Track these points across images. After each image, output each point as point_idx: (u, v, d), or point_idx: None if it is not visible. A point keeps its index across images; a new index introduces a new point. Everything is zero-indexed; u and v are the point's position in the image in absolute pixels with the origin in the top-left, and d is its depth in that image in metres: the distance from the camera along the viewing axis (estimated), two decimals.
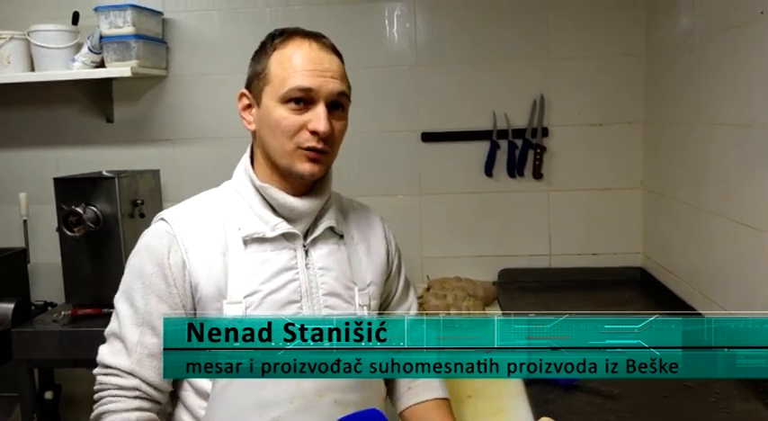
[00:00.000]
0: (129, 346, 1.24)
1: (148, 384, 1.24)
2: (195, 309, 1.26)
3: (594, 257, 2.60)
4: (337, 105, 1.26)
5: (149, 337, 1.24)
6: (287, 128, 1.23)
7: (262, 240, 1.27)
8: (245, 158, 1.34)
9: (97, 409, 1.25)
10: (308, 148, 1.23)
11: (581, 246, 2.60)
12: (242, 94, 1.32)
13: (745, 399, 1.54)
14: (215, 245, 1.26)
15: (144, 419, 1.23)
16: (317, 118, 1.22)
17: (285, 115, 1.23)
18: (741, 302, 1.73)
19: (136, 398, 1.23)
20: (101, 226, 2.29)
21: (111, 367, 1.25)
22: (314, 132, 1.22)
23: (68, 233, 2.25)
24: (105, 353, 1.27)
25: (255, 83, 1.29)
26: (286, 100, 1.23)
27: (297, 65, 1.23)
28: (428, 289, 2.35)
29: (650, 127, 2.47)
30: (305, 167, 1.25)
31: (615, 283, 2.51)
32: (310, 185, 1.32)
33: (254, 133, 1.32)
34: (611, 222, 2.58)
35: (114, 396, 1.24)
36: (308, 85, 1.22)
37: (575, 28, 2.51)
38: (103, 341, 1.30)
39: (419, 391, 1.43)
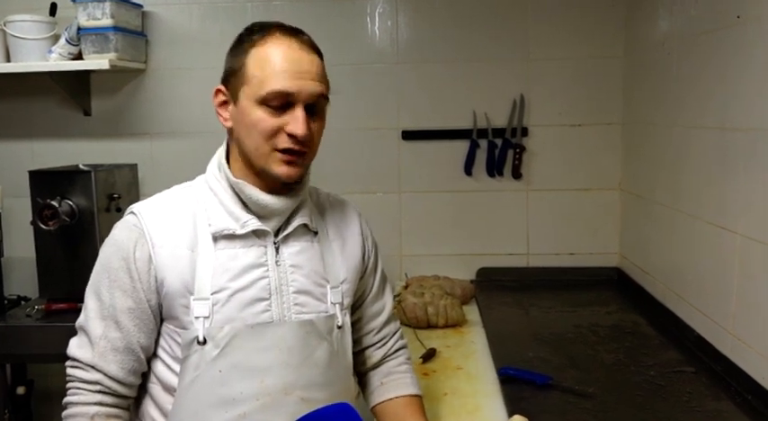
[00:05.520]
0: (92, 340, 1.24)
1: (111, 378, 1.23)
2: (161, 305, 1.25)
3: (572, 257, 2.62)
4: (315, 106, 1.24)
5: (113, 331, 1.23)
6: (264, 130, 1.21)
7: (231, 237, 1.26)
8: (221, 152, 1.32)
9: (65, 399, 1.25)
10: (285, 150, 1.22)
11: (558, 245, 2.62)
12: (218, 90, 1.29)
13: (717, 398, 1.56)
14: (183, 240, 1.25)
15: (103, 413, 1.23)
16: (296, 121, 1.20)
17: (263, 117, 1.21)
18: (716, 304, 1.75)
19: (98, 392, 1.23)
20: (76, 220, 2.27)
21: (76, 360, 1.25)
22: (291, 135, 1.20)
23: (43, 227, 2.22)
24: (73, 345, 1.27)
25: (232, 80, 1.25)
26: (264, 102, 1.20)
27: (276, 66, 1.20)
28: (406, 287, 2.36)
29: (629, 128, 2.49)
30: (282, 170, 1.23)
31: (592, 283, 2.54)
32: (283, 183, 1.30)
33: (230, 130, 1.29)
34: (588, 222, 2.61)
35: (78, 388, 1.24)
36: (287, 88, 1.19)
37: (555, 30, 2.53)
38: (76, 334, 1.29)
39: (392, 387, 1.44)
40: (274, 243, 1.28)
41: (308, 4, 2.57)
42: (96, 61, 2.38)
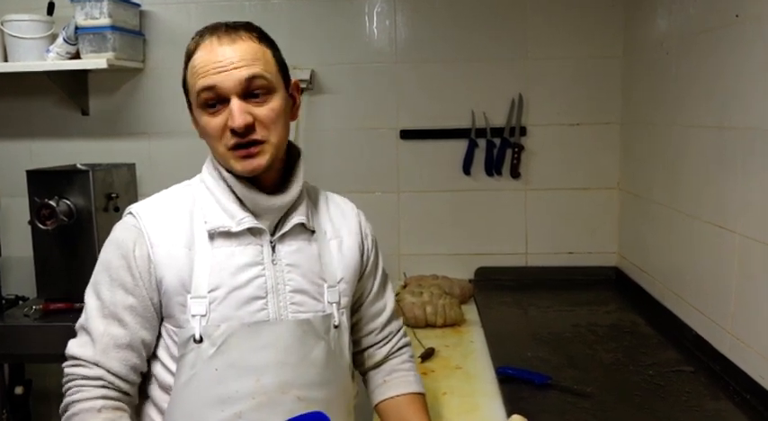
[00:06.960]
0: (94, 338, 1.23)
1: (113, 374, 1.23)
2: (161, 303, 1.25)
3: (570, 256, 2.62)
4: (256, 91, 1.22)
5: (115, 328, 1.23)
6: (212, 132, 1.22)
7: (228, 235, 1.26)
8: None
9: (64, 400, 1.24)
10: (235, 147, 1.21)
11: (557, 245, 2.62)
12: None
13: (716, 398, 1.56)
14: (181, 238, 1.25)
15: (110, 406, 1.22)
16: (230, 114, 1.20)
17: (207, 120, 1.22)
18: (714, 303, 1.75)
19: (101, 387, 1.22)
20: (74, 219, 2.26)
21: (77, 358, 1.24)
22: (233, 130, 1.20)
23: (41, 226, 2.22)
24: (73, 345, 1.26)
25: (186, 92, 1.29)
26: (201, 105, 1.22)
27: (199, 68, 1.21)
28: (405, 286, 2.35)
29: (627, 128, 2.49)
30: (242, 166, 1.23)
31: (590, 283, 2.54)
32: (279, 181, 1.30)
33: None
34: (587, 222, 2.60)
35: (80, 386, 1.23)
36: (207, 84, 1.20)
37: (554, 29, 2.53)
38: (75, 335, 1.29)
39: (394, 385, 1.43)
40: (270, 242, 1.28)
41: (305, 3, 2.57)
42: (94, 60, 2.38)
